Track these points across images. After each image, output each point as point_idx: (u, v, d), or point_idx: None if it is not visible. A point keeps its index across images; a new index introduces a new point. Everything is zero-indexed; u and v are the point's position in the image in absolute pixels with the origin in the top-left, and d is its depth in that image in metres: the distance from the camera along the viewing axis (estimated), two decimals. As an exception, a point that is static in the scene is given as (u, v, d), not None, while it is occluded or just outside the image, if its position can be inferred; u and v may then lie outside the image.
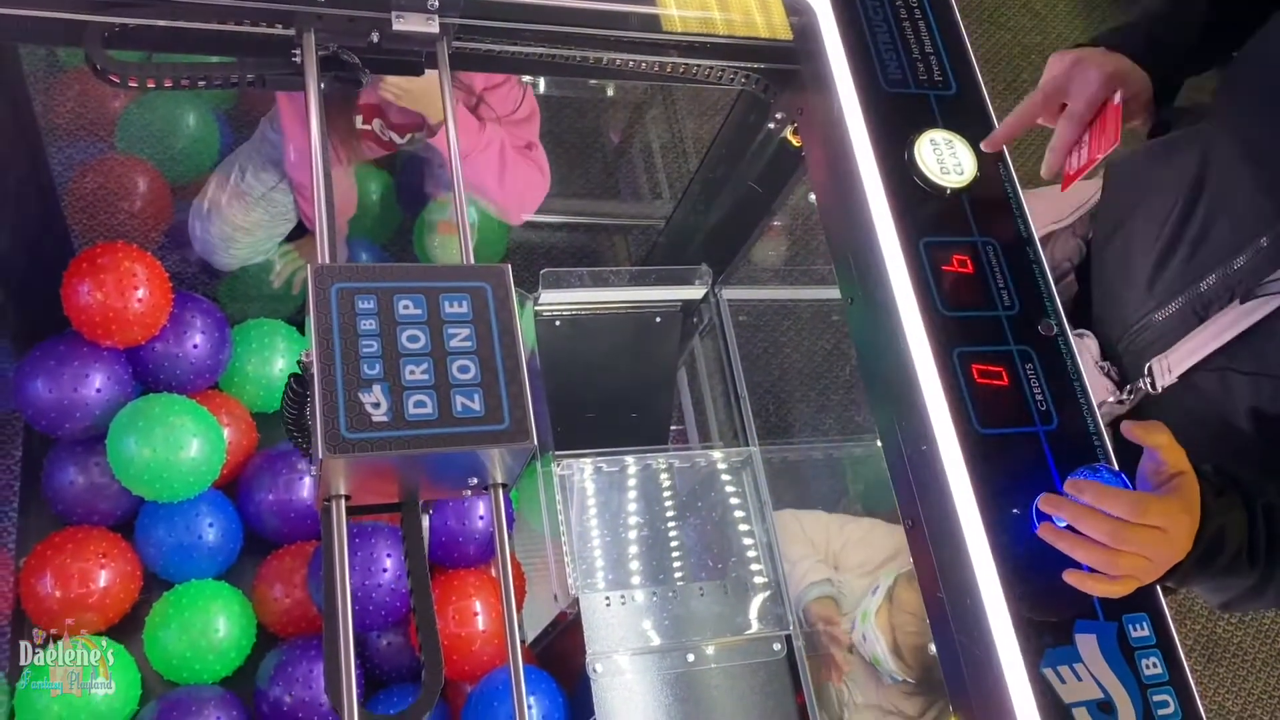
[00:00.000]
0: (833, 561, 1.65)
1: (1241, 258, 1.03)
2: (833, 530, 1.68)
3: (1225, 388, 1.07)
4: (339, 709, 0.74)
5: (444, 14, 1.03)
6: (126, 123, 1.81)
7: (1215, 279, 1.05)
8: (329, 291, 0.80)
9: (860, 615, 1.54)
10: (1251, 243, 1.01)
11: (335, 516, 0.80)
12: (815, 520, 1.69)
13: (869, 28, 1.14)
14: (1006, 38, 2.92)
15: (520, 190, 1.69)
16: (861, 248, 1.07)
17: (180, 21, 1.01)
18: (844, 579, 1.61)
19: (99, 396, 1.43)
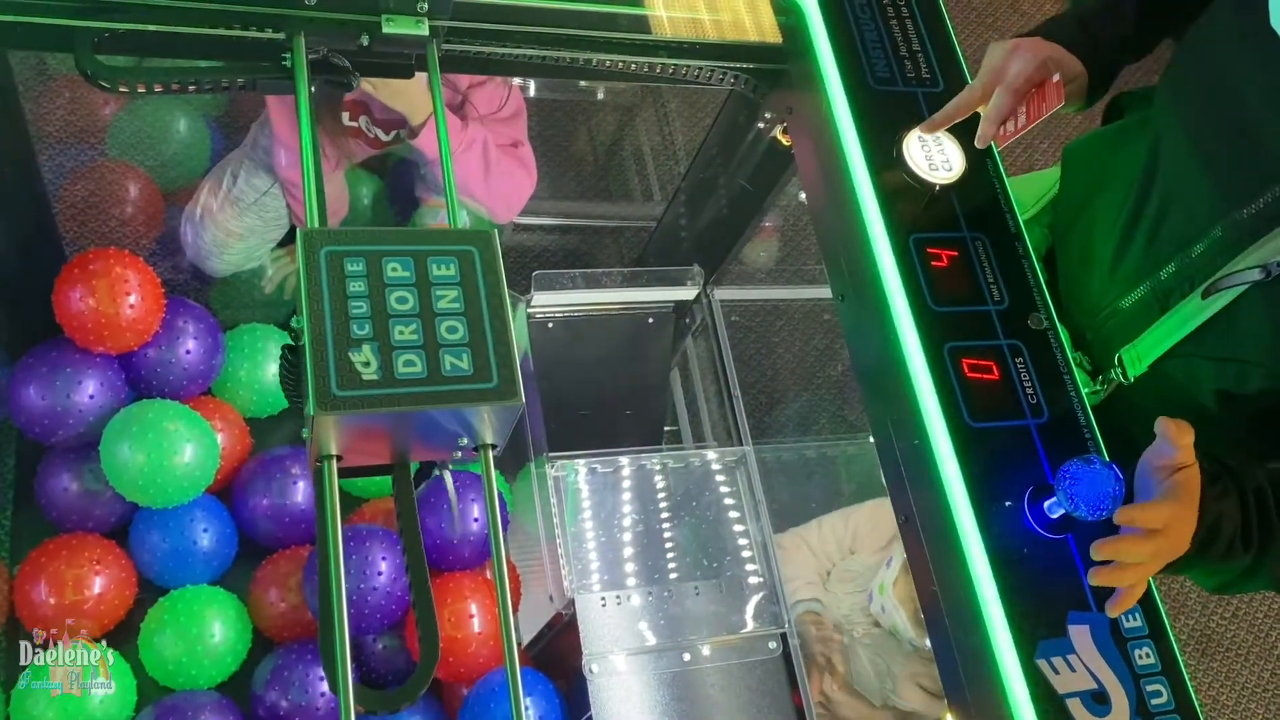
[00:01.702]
0: (844, 555, 1.66)
1: (1198, 246, 1.05)
2: (837, 527, 1.69)
3: (1191, 373, 1.08)
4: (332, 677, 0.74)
5: (434, 16, 1.03)
6: (117, 129, 1.81)
7: (1175, 267, 1.07)
8: (318, 254, 0.81)
9: (878, 588, 1.55)
10: (1206, 232, 1.03)
11: (327, 476, 0.81)
12: (816, 529, 1.70)
13: (856, 26, 1.15)
14: (994, 37, 2.93)
15: (505, 190, 1.69)
16: (852, 245, 1.07)
17: (170, 26, 1.01)
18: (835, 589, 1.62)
19: (92, 403, 1.43)
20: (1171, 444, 0.88)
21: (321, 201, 0.93)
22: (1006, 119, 1.05)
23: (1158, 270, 1.09)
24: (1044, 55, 1.06)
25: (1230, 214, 1.00)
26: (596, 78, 1.79)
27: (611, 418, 1.81)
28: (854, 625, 1.58)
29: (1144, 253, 1.11)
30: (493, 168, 1.64)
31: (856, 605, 1.59)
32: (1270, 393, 1.02)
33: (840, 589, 1.62)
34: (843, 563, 1.65)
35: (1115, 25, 1.14)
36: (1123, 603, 0.89)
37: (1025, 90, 1.04)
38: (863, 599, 1.58)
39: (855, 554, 1.65)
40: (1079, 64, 1.11)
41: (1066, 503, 0.88)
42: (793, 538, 1.69)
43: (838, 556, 1.67)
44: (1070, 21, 1.15)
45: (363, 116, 1.60)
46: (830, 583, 1.64)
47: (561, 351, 1.71)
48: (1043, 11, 3.02)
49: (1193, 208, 1.05)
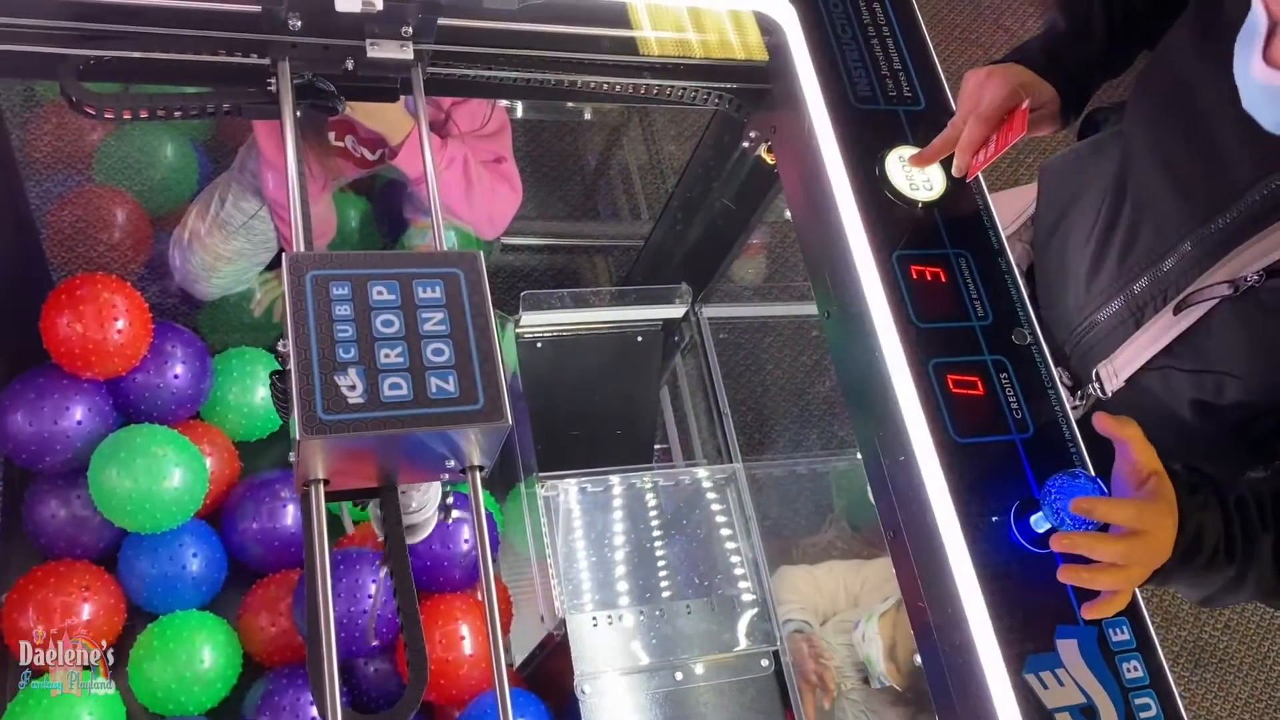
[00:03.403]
0: (848, 602, 1.66)
1: (1169, 261, 1.06)
2: (849, 575, 1.69)
3: (1168, 385, 1.10)
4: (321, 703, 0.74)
5: (418, 40, 1.04)
6: (104, 154, 1.82)
7: (1147, 281, 1.08)
8: (304, 279, 0.81)
9: (866, 615, 1.55)
10: (1176, 247, 1.04)
11: (314, 500, 0.80)
12: (827, 570, 1.70)
13: (838, 46, 1.16)
14: (978, 54, 2.96)
15: (489, 206, 1.70)
16: (836, 262, 1.08)
17: (155, 53, 1.02)
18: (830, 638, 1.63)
19: (80, 429, 1.43)
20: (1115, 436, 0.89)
21: (308, 226, 0.94)
22: (980, 148, 1.06)
23: (1131, 284, 1.10)
24: (1015, 82, 1.08)
25: (1198, 229, 1.02)
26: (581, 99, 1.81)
27: (601, 436, 1.81)
28: (845, 678, 1.58)
29: (1117, 267, 1.13)
30: (474, 185, 1.64)
31: (850, 658, 1.60)
32: (1247, 404, 1.03)
33: (836, 639, 1.63)
34: (844, 612, 1.66)
35: (1086, 47, 1.16)
36: (1100, 607, 0.88)
37: (997, 118, 1.05)
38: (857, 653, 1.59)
39: (859, 606, 1.65)
40: (1050, 88, 1.13)
41: (1052, 517, 0.88)
42: (803, 571, 1.70)
43: (841, 602, 1.67)
44: (1041, 46, 1.17)
45: (349, 136, 1.61)
46: (826, 630, 1.65)
47: (551, 371, 1.71)
48: (1025, 28, 3.05)
49: (1162, 222, 1.07)
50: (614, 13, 1.12)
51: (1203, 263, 1.01)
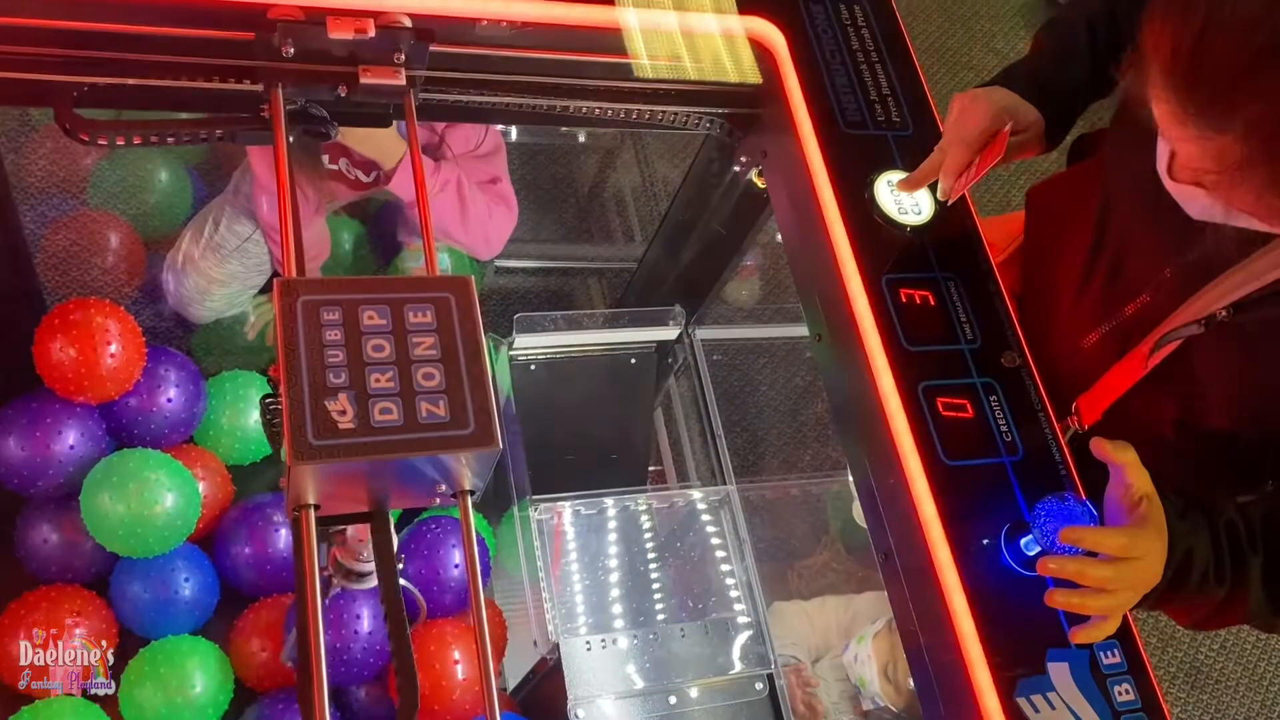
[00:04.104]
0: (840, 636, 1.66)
1: (1150, 289, 1.07)
2: (840, 608, 1.70)
3: (1153, 408, 1.10)
4: None
5: (410, 67, 1.05)
6: (98, 179, 1.82)
7: (1131, 310, 1.09)
8: (295, 304, 0.81)
9: (857, 637, 1.55)
10: (1157, 274, 1.05)
11: (305, 526, 0.80)
12: (820, 605, 1.71)
13: (827, 71, 1.17)
14: (970, 76, 2.98)
15: (485, 228, 1.70)
16: (826, 286, 1.08)
17: (149, 80, 1.02)
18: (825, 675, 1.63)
19: (72, 453, 1.43)
20: (1111, 460, 0.89)
21: (299, 251, 0.94)
22: (963, 172, 1.07)
23: (1116, 311, 1.11)
24: (999, 106, 1.09)
25: (1177, 257, 1.02)
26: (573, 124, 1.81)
27: (595, 459, 1.81)
28: (840, 714, 1.58)
29: (1102, 295, 1.13)
30: (469, 207, 1.65)
31: (846, 692, 1.60)
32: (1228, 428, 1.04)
33: (831, 675, 1.62)
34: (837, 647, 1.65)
35: (1070, 70, 1.17)
36: (1089, 632, 0.88)
37: (980, 143, 1.06)
38: (851, 688, 1.59)
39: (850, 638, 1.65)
40: (1034, 111, 1.13)
41: (1042, 540, 0.88)
42: (794, 606, 1.70)
43: (834, 636, 1.67)
44: (1027, 69, 1.18)
45: (342, 159, 1.61)
46: (821, 667, 1.65)
47: (544, 394, 1.71)
48: (1017, 50, 3.07)
49: (1144, 251, 1.07)
50: (606, 38, 1.12)
51: (1183, 291, 1.02)
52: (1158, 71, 0.81)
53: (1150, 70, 0.82)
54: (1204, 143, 0.80)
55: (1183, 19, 0.78)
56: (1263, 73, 0.75)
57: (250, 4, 0.99)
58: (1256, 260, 0.95)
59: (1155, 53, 0.81)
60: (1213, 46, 0.77)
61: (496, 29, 1.08)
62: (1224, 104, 0.77)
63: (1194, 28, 0.77)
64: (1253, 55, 0.75)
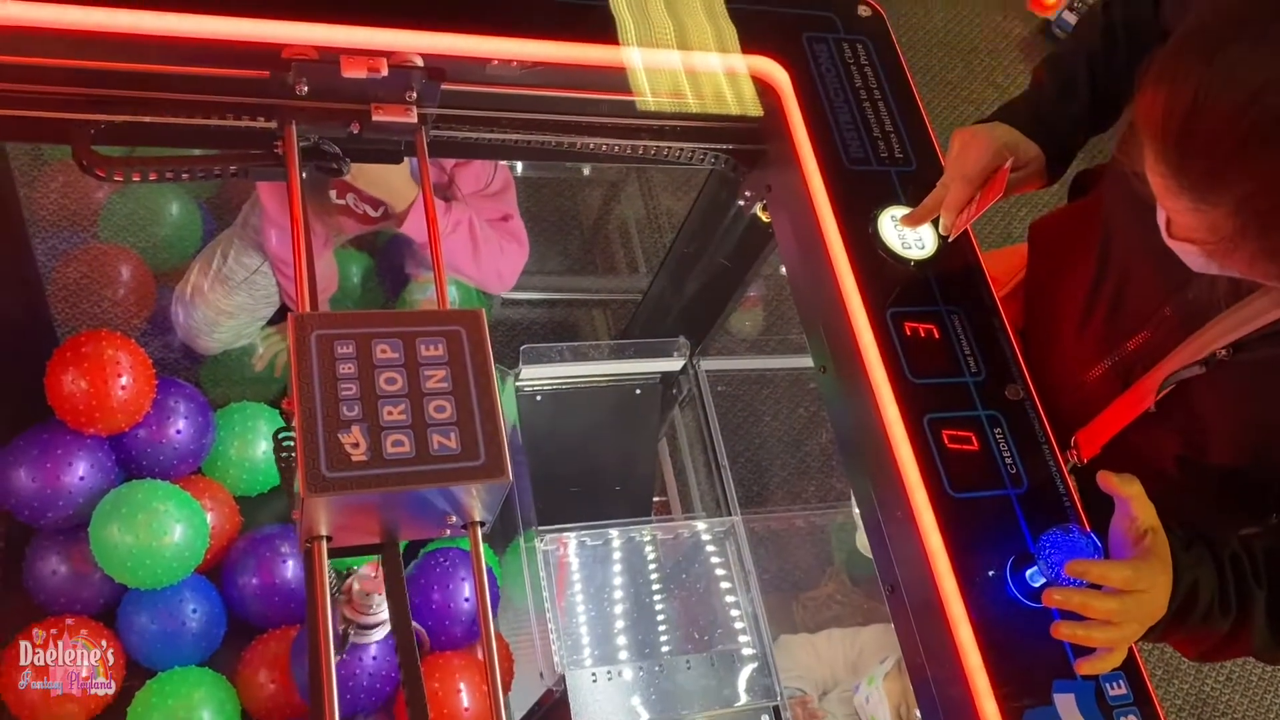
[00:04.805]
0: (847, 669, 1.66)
1: (1150, 326, 1.08)
2: (845, 641, 1.69)
3: (1155, 441, 1.11)
4: None
5: (422, 105, 1.07)
6: (110, 212, 1.84)
7: (1132, 345, 1.10)
8: (309, 338, 0.82)
9: (868, 678, 1.54)
10: (1157, 312, 1.06)
11: (317, 557, 0.81)
12: (826, 638, 1.71)
13: (831, 109, 1.19)
14: (970, 109, 3.01)
15: (497, 264, 1.72)
16: (831, 319, 1.10)
17: (166, 118, 1.04)
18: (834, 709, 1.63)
19: (82, 484, 1.43)
20: (1118, 493, 0.90)
21: (313, 286, 0.96)
22: (964, 208, 1.08)
23: (1117, 347, 1.12)
24: (1000, 143, 1.10)
25: (1176, 295, 1.03)
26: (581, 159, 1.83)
27: (600, 489, 1.82)
28: None
29: (1104, 329, 1.14)
30: (481, 246, 1.66)
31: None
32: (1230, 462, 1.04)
33: (839, 710, 1.62)
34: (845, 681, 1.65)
35: (1069, 106, 1.18)
36: (1094, 663, 0.89)
37: (981, 179, 1.07)
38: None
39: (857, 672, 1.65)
40: (1035, 147, 1.15)
41: (1047, 571, 0.89)
42: (801, 639, 1.70)
43: (841, 670, 1.67)
44: (1027, 105, 1.19)
45: (350, 194, 1.63)
46: (830, 701, 1.64)
47: (550, 424, 1.72)
48: (1016, 84, 3.10)
49: (1144, 288, 1.09)
50: (613, 77, 1.14)
51: (1183, 328, 1.03)
52: (1150, 145, 0.81)
53: (1142, 142, 0.82)
54: (1197, 214, 0.81)
55: (1173, 94, 0.78)
56: (1253, 150, 0.75)
57: (265, 44, 1.01)
58: (1255, 300, 0.96)
59: (1147, 126, 0.81)
60: (1203, 123, 0.77)
61: (506, 68, 1.10)
62: (1215, 180, 0.78)
63: (1184, 104, 0.77)
64: (1243, 133, 0.75)
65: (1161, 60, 0.81)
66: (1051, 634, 0.89)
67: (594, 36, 1.13)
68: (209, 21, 0.99)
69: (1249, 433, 1.02)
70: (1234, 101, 0.75)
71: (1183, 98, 0.77)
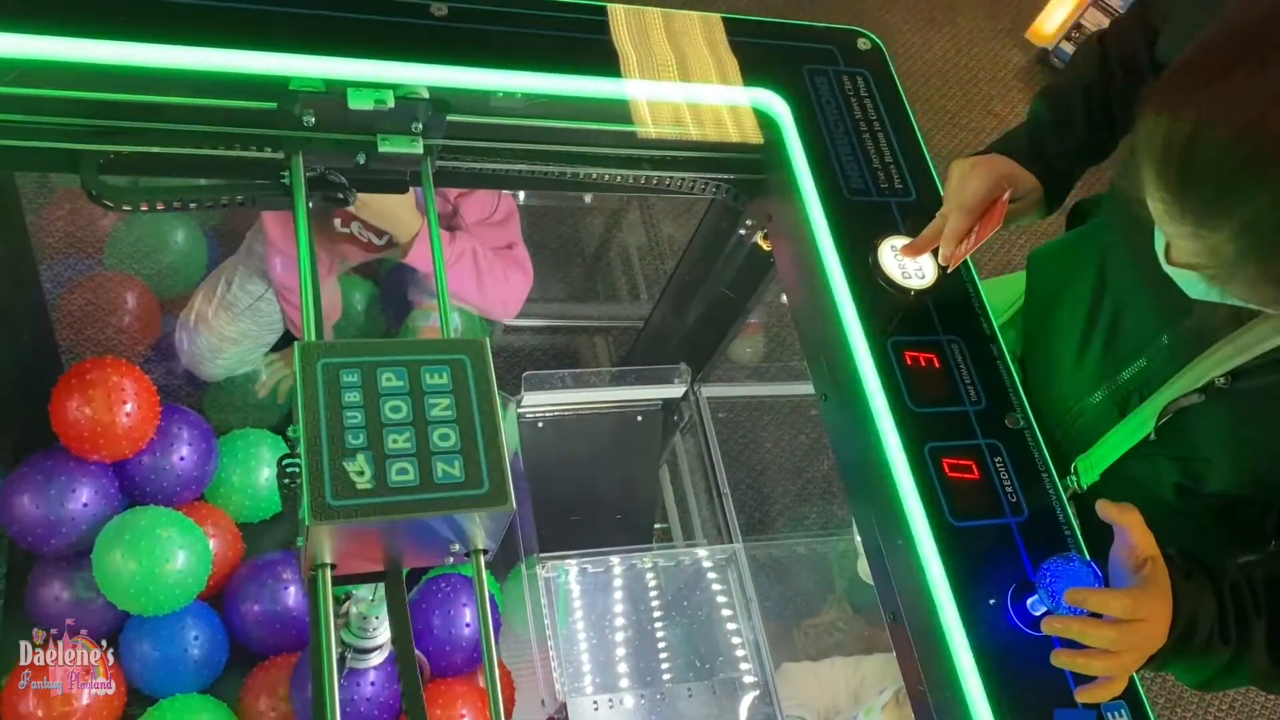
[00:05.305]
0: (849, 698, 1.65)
1: (1147, 353, 1.08)
2: (848, 670, 1.69)
3: (1153, 470, 1.11)
4: None
5: (428, 136, 1.08)
6: (115, 240, 1.86)
7: (1129, 374, 1.10)
8: (315, 367, 0.83)
9: (865, 709, 1.54)
10: (1154, 340, 1.07)
11: (321, 585, 0.82)
12: (829, 666, 1.70)
13: (831, 141, 1.20)
14: (968, 138, 3.03)
15: (501, 292, 1.73)
16: (832, 348, 1.10)
17: (174, 148, 1.05)
18: None
19: (86, 511, 1.44)
20: (1116, 522, 0.90)
21: (319, 314, 0.96)
22: (963, 238, 1.09)
23: (1115, 375, 1.13)
24: (999, 174, 1.11)
25: (1173, 324, 1.04)
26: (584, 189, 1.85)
27: (601, 516, 1.82)
28: None
29: (1101, 358, 1.15)
30: (485, 275, 1.68)
31: None
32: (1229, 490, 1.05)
33: None
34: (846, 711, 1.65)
35: (1066, 137, 1.19)
36: (1094, 692, 0.89)
37: (980, 210, 1.08)
38: None
39: (859, 701, 1.64)
40: (1033, 178, 1.16)
41: (1048, 600, 0.89)
42: (802, 667, 1.70)
43: (843, 699, 1.66)
44: (1025, 136, 1.20)
45: (354, 223, 1.65)
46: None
47: (551, 451, 1.72)
48: (1014, 113, 3.13)
49: (1141, 317, 1.09)
50: (616, 108, 1.16)
51: (1180, 357, 1.04)
52: (1151, 170, 0.82)
53: (1143, 168, 0.83)
54: (1199, 239, 0.81)
55: (1175, 119, 0.79)
56: (1255, 175, 0.75)
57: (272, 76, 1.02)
58: (1255, 327, 0.97)
59: (1148, 151, 0.81)
60: (1206, 147, 0.77)
61: (511, 99, 1.11)
62: (1217, 204, 0.78)
63: (1186, 128, 0.78)
64: (1245, 158, 0.75)
65: (1163, 86, 0.82)
66: (1052, 662, 0.89)
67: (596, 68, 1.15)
68: (218, 54, 1.01)
69: (1248, 461, 1.03)
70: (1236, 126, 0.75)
71: (1185, 122, 0.78)
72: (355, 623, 1.13)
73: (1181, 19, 1.08)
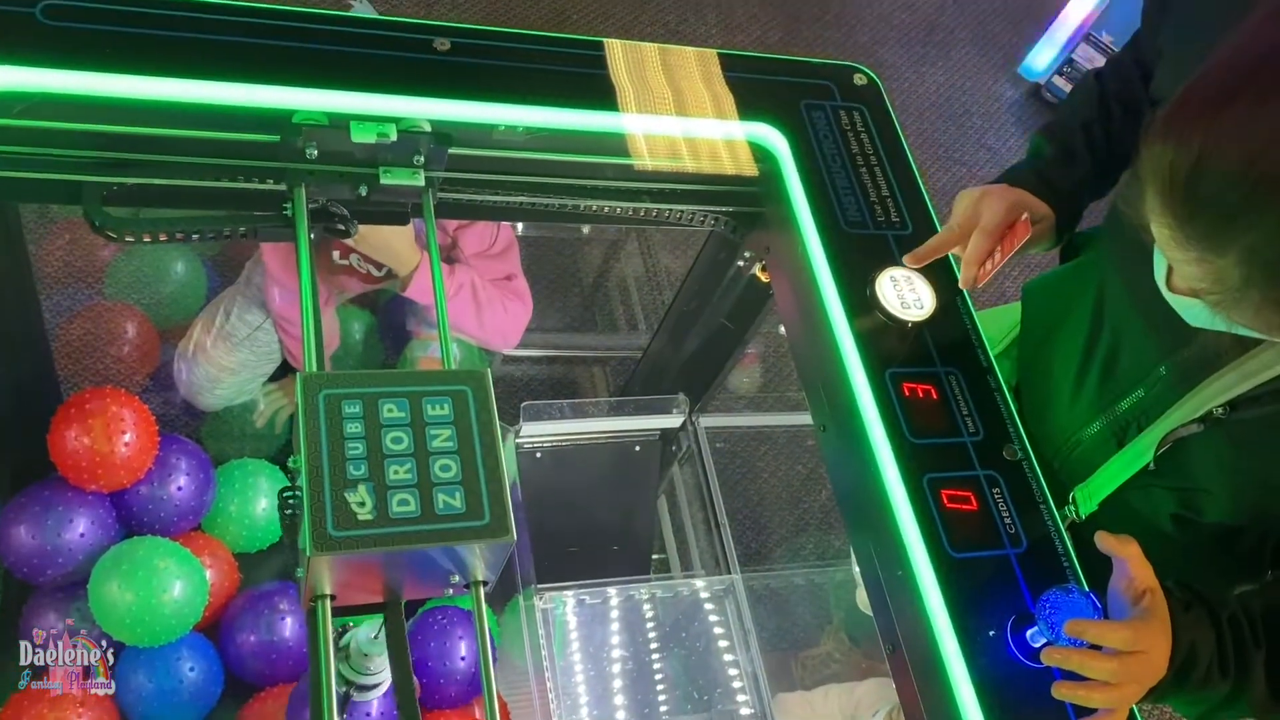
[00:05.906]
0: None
1: (1145, 384, 1.09)
2: (843, 697, 1.69)
3: (1151, 500, 1.12)
4: None
5: (429, 168, 1.09)
6: (115, 270, 1.86)
7: (1126, 404, 1.11)
8: (317, 398, 0.83)
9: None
10: (1152, 370, 1.07)
11: (321, 616, 0.82)
12: (822, 695, 1.70)
13: (828, 174, 1.21)
14: (963, 172, 3.06)
15: (500, 324, 1.74)
16: (831, 379, 1.11)
17: (177, 180, 1.06)
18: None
19: (82, 541, 1.43)
20: (1115, 554, 0.90)
21: (319, 345, 0.97)
22: (985, 260, 1.10)
23: (1112, 405, 1.13)
24: (1014, 199, 1.12)
25: (1171, 355, 1.05)
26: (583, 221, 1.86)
27: (599, 547, 1.82)
28: None
29: (1098, 389, 1.16)
30: (484, 307, 1.69)
31: None
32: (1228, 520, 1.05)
33: None
34: None
35: (1071, 171, 1.21)
36: None
37: (999, 232, 1.09)
38: None
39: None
40: (1045, 206, 1.17)
41: (1047, 631, 0.89)
42: (797, 696, 1.69)
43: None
44: (1031, 169, 1.22)
45: (353, 254, 1.65)
46: None
47: (550, 481, 1.72)
48: (1008, 148, 3.16)
49: (1138, 348, 1.10)
50: (615, 141, 1.17)
51: (1178, 387, 1.04)
52: (1155, 195, 0.82)
53: (1147, 193, 0.83)
54: (1202, 265, 0.81)
55: (1179, 145, 0.79)
56: (1261, 200, 0.75)
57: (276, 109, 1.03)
58: (1251, 359, 0.97)
59: (1152, 177, 0.82)
60: (1211, 172, 0.77)
61: (512, 133, 1.12)
62: (1223, 229, 0.78)
63: (1192, 154, 0.78)
64: (1250, 186, 0.75)
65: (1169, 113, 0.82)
66: (1053, 694, 0.89)
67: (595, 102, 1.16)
68: (222, 87, 1.02)
69: (1246, 490, 1.03)
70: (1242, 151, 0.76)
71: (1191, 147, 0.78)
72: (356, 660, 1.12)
73: (1175, 56, 1.10)
